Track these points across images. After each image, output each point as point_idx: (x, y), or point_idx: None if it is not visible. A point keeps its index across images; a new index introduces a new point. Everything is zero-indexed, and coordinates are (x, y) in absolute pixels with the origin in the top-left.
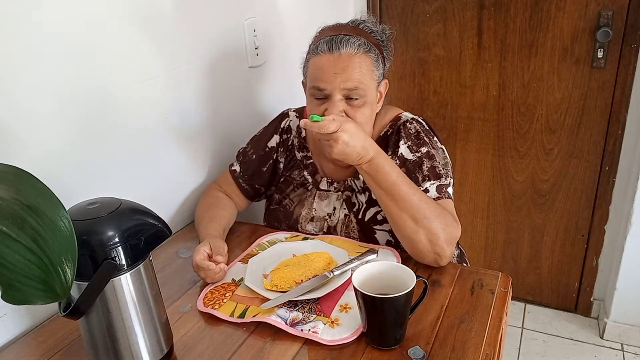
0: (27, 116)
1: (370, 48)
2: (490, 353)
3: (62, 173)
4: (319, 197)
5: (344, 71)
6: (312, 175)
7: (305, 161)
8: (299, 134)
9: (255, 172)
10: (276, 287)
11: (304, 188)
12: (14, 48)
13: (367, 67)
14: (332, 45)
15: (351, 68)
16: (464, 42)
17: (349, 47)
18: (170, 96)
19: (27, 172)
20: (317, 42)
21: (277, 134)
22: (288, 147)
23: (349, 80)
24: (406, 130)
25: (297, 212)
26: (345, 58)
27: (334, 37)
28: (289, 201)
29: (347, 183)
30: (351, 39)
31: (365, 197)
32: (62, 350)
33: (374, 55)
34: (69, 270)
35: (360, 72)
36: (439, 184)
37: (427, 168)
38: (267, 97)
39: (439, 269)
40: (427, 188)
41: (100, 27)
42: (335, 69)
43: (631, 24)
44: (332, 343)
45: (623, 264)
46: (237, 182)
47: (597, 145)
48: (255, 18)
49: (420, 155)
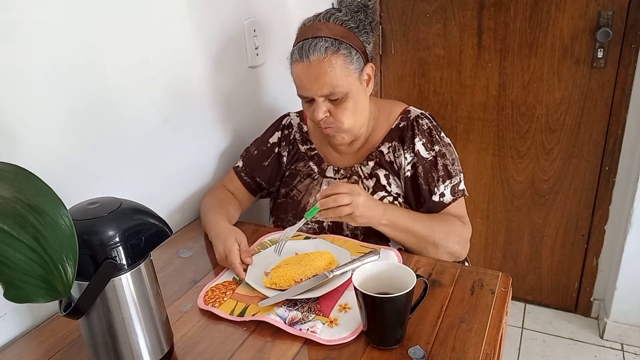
0: (28, 116)
1: (339, 46)
2: (490, 353)
3: (63, 173)
4: (326, 184)
5: (317, 79)
6: (317, 165)
7: (310, 153)
8: (300, 129)
9: (257, 166)
10: (275, 285)
11: (311, 178)
12: (14, 48)
13: (339, 66)
14: (302, 53)
15: (323, 74)
16: (464, 42)
17: (317, 52)
18: (170, 96)
19: (27, 171)
20: (293, 48)
21: (278, 131)
22: (290, 141)
23: (323, 86)
24: (420, 126)
25: (305, 201)
26: (315, 65)
27: (303, 43)
28: (297, 192)
29: (354, 169)
30: (318, 42)
31: (372, 183)
32: (63, 350)
33: (345, 51)
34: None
35: (333, 75)
36: (452, 184)
37: (441, 167)
38: (267, 97)
39: (439, 268)
40: (443, 192)
41: (101, 27)
42: (309, 77)
43: (631, 24)
44: (330, 343)
45: (623, 264)
46: (239, 176)
47: (597, 145)
48: (255, 18)
49: (435, 154)
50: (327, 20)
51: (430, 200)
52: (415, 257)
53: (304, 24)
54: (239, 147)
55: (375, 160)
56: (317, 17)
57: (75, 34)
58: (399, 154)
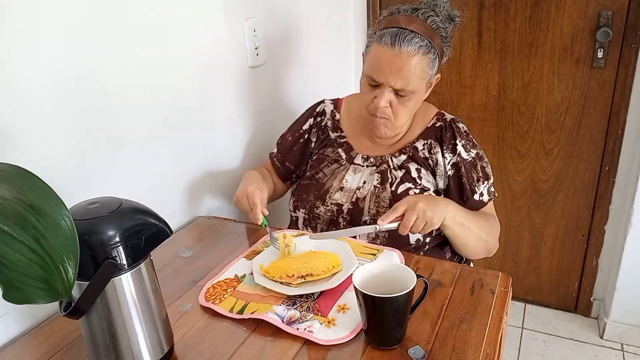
0: (28, 116)
1: (430, 49)
2: (490, 353)
3: (63, 173)
4: (352, 170)
5: (399, 71)
6: (346, 152)
7: (340, 140)
8: (333, 117)
9: (288, 152)
10: (267, 274)
11: (338, 163)
12: (14, 48)
13: (422, 68)
14: (396, 40)
15: (406, 69)
16: (464, 42)
17: (411, 46)
18: (170, 96)
19: (28, 172)
20: (383, 31)
21: (311, 118)
22: (321, 128)
23: (400, 80)
24: (459, 129)
25: (329, 184)
26: (404, 57)
27: (399, 31)
28: (322, 175)
29: (385, 158)
30: (415, 37)
31: (401, 173)
32: (63, 350)
33: (432, 56)
34: (71, 269)
35: (413, 73)
36: (488, 185)
37: (480, 169)
38: (267, 97)
39: (439, 268)
40: (482, 192)
41: (101, 27)
42: (392, 65)
43: (631, 24)
44: (327, 343)
45: (623, 264)
46: (272, 161)
47: (597, 145)
48: (255, 18)
49: (474, 156)
50: (425, 19)
51: (471, 198)
52: (415, 257)
53: (397, 11)
54: (239, 146)
55: (408, 154)
56: (415, 10)
57: (75, 34)
58: (435, 152)
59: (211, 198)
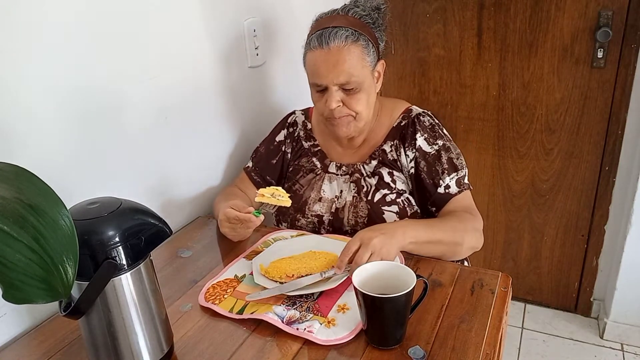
0: (28, 115)
1: (359, 36)
2: (490, 353)
3: (63, 172)
4: (328, 179)
5: (335, 67)
6: (320, 161)
7: (313, 149)
8: (304, 126)
9: (266, 165)
10: (267, 274)
11: (313, 173)
12: (15, 48)
13: (357, 56)
14: (322, 40)
15: (341, 62)
16: (464, 42)
17: (337, 40)
18: (171, 96)
19: (28, 171)
20: (310, 37)
21: (284, 129)
22: (294, 138)
23: (341, 74)
24: (421, 123)
25: (307, 195)
26: (334, 52)
27: (323, 31)
28: (299, 186)
29: (356, 167)
30: (339, 31)
31: (374, 180)
32: (63, 350)
33: (364, 42)
34: (71, 268)
35: (351, 64)
36: (458, 176)
37: (445, 160)
38: (267, 97)
39: (439, 268)
40: (448, 184)
41: (101, 26)
42: (327, 64)
43: (631, 24)
44: (327, 343)
45: (623, 264)
46: (249, 176)
47: (597, 145)
48: (255, 18)
49: (438, 148)
50: (345, 14)
51: (435, 193)
52: (415, 257)
53: (320, 17)
54: (239, 146)
55: (378, 159)
56: (334, 11)
57: (76, 34)
58: (400, 152)
59: (211, 198)
